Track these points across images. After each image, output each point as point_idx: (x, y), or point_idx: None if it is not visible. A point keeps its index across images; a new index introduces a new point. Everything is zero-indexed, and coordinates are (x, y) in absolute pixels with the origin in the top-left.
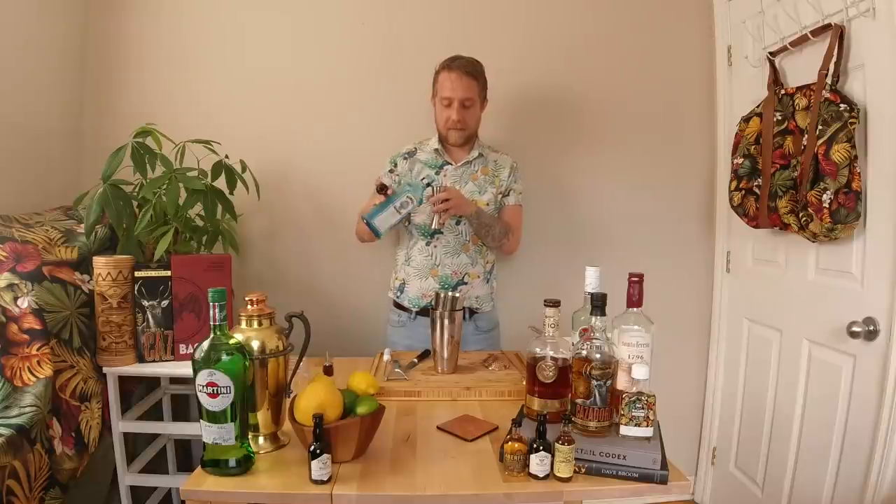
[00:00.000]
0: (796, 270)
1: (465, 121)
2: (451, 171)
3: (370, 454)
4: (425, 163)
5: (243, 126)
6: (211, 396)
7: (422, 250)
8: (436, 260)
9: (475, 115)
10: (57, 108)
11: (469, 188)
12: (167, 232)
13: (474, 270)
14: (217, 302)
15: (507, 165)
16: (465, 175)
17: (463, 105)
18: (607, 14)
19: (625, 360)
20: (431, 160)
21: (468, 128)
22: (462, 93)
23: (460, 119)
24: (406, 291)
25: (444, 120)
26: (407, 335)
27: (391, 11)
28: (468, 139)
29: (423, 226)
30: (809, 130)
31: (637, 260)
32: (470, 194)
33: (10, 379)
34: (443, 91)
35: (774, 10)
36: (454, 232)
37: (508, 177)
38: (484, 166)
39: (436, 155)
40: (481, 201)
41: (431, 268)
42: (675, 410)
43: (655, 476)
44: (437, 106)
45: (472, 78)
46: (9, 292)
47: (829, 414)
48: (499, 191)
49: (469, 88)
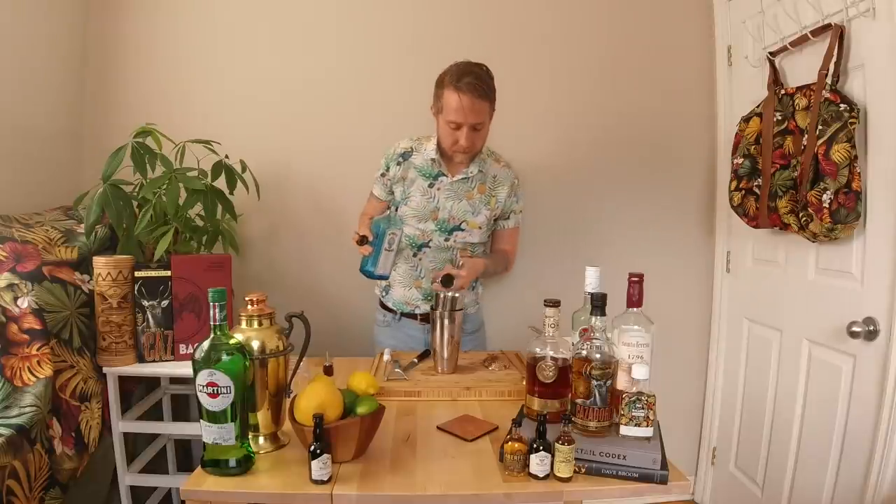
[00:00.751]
0: (796, 270)
1: (475, 145)
2: (447, 184)
3: (370, 454)
4: (419, 169)
5: (243, 126)
6: (211, 396)
7: (408, 259)
8: (420, 272)
9: (484, 136)
10: (57, 108)
11: (462, 206)
12: (167, 232)
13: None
14: (217, 302)
15: (506, 183)
16: (461, 191)
17: (473, 129)
18: (607, 14)
19: (625, 360)
20: (427, 169)
21: (475, 149)
22: (473, 118)
23: (470, 144)
24: (391, 294)
25: (451, 143)
26: (391, 335)
27: (392, 11)
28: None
29: (412, 237)
30: (809, 130)
31: (637, 260)
32: (463, 214)
33: (10, 379)
34: (449, 114)
35: (774, 10)
36: (441, 247)
37: (508, 197)
38: (482, 183)
39: (432, 164)
40: (473, 223)
41: (415, 279)
42: (675, 410)
43: (655, 476)
44: (441, 124)
45: (483, 100)
46: (9, 292)
47: (829, 414)
48: (493, 213)
49: (480, 112)
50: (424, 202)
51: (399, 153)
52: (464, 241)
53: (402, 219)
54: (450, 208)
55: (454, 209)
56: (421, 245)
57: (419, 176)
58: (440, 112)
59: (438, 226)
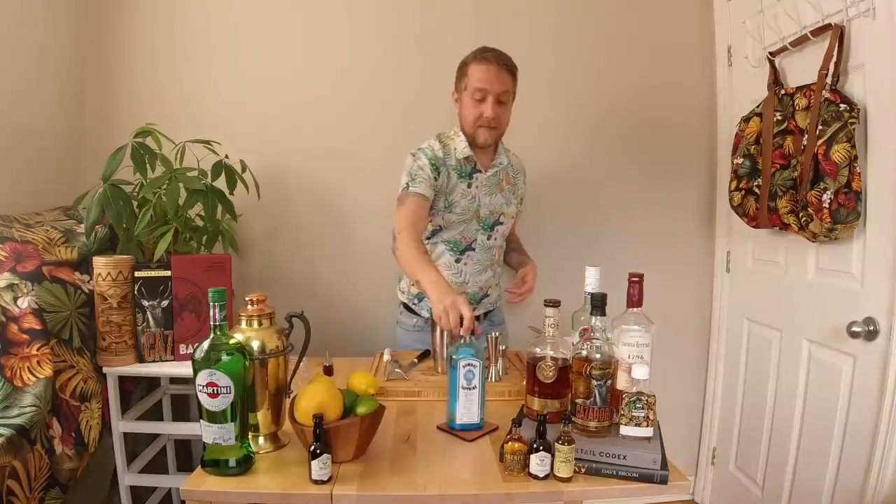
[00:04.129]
0: (796, 270)
1: (500, 118)
2: (484, 180)
3: (370, 454)
4: (456, 170)
5: (243, 126)
6: (211, 396)
7: (449, 266)
8: (465, 278)
9: (508, 114)
10: (57, 108)
11: (498, 200)
12: (167, 232)
13: (493, 281)
14: (217, 302)
15: (521, 171)
16: (494, 185)
17: (498, 100)
18: (607, 14)
19: (625, 360)
20: (462, 169)
21: (501, 126)
22: (498, 86)
23: (496, 116)
24: (426, 301)
25: (476, 116)
26: (421, 339)
27: (393, 12)
28: (496, 140)
29: (453, 241)
30: (809, 130)
31: (637, 260)
32: (500, 206)
33: (10, 379)
34: (475, 83)
35: (774, 10)
36: (485, 247)
37: (524, 185)
38: (507, 173)
39: (465, 162)
40: (508, 214)
41: (459, 286)
42: (675, 410)
43: (655, 476)
44: (464, 101)
45: (508, 72)
46: (9, 292)
47: (829, 414)
48: (518, 201)
49: (505, 82)
50: (467, 204)
51: (439, 155)
52: (501, 237)
53: (445, 225)
54: (489, 204)
55: (493, 204)
56: (464, 249)
57: (457, 178)
58: (465, 90)
59: (481, 224)
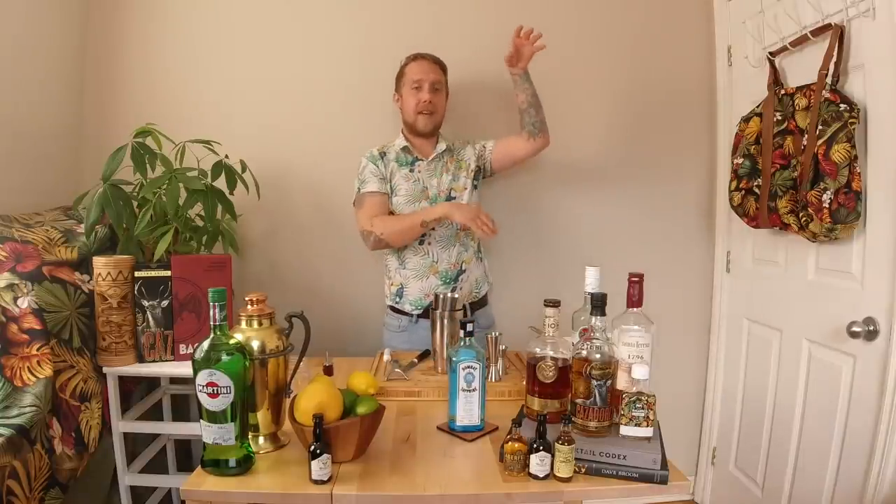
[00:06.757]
0: (796, 270)
1: (436, 104)
2: (424, 166)
3: (370, 454)
4: (397, 161)
5: (243, 126)
6: (211, 396)
7: (416, 251)
8: (433, 257)
9: (443, 102)
10: (57, 108)
11: (445, 180)
12: (167, 232)
13: (468, 255)
14: (217, 302)
15: (465, 146)
16: (438, 168)
17: (433, 87)
18: (607, 14)
19: (625, 360)
20: (402, 158)
21: (437, 112)
22: (433, 75)
23: (431, 100)
24: (406, 295)
25: (415, 104)
26: (407, 339)
27: (392, 12)
28: (435, 128)
29: None
30: (809, 130)
31: (637, 260)
32: (448, 184)
33: (10, 379)
34: (413, 76)
35: (774, 10)
36: (443, 224)
37: (475, 153)
38: (451, 156)
39: (405, 153)
40: (458, 187)
41: (430, 266)
42: (675, 410)
43: (655, 476)
44: (405, 95)
45: (439, 67)
46: (9, 292)
47: (828, 414)
48: (469, 171)
49: (438, 73)
50: (411, 185)
51: (377, 154)
52: None
53: (395, 209)
54: (436, 185)
55: (441, 185)
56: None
57: (398, 167)
58: (404, 86)
59: (432, 203)
